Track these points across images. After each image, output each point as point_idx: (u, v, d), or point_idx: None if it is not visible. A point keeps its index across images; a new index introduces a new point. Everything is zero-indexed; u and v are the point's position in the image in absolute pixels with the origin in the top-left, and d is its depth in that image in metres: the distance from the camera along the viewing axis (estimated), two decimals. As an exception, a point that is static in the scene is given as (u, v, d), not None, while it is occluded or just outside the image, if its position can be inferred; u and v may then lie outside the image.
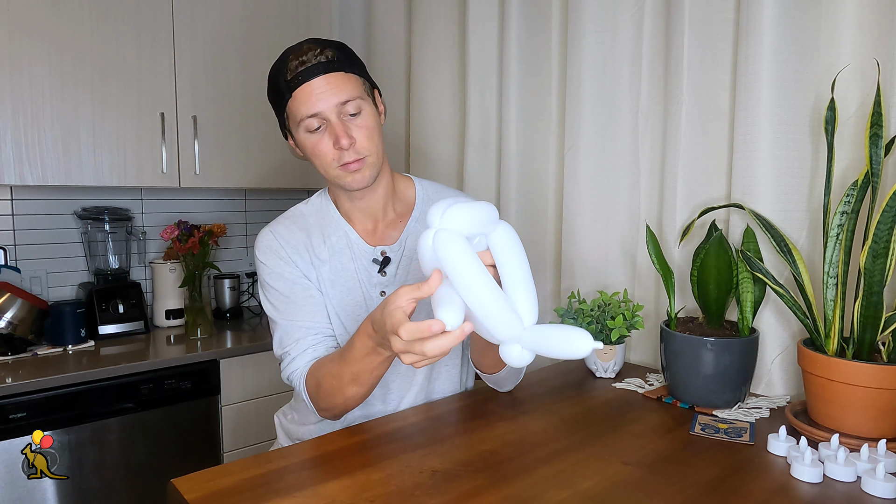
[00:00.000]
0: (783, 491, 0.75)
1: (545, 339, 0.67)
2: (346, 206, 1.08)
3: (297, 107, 0.95)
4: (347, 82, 0.95)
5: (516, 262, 0.73)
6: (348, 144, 0.94)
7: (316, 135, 0.96)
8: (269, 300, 1.05)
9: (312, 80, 0.93)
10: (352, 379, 0.90)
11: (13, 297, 1.70)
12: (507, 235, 0.75)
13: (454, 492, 0.74)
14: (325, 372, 0.94)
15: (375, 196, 1.06)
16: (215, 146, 2.00)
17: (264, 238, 1.06)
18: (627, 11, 1.38)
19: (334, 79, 0.94)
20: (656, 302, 1.37)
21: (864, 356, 0.90)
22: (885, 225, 0.86)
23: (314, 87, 0.93)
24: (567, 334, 0.66)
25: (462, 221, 0.69)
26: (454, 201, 0.71)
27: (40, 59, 1.69)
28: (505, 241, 0.74)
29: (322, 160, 0.98)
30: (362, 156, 0.97)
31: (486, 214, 0.72)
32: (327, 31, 2.22)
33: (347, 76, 0.96)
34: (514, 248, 0.74)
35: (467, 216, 0.70)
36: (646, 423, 0.99)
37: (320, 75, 0.93)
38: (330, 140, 0.95)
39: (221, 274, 2.22)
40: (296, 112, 0.95)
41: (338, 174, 0.98)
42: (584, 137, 1.45)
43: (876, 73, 0.98)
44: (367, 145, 0.97)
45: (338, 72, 0.95)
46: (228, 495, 0.74)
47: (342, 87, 0.94)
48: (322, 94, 0.93)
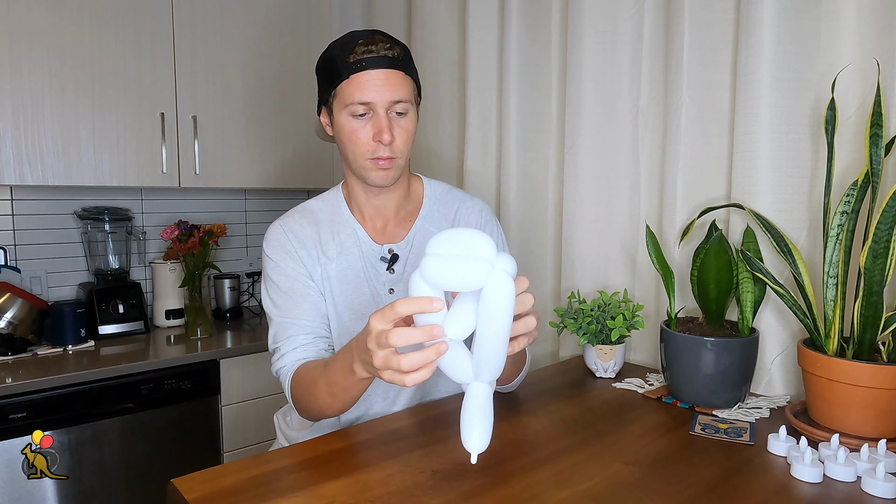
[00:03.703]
0: (783, 491, 0.75)
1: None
2: (361, 201, 1.08)
3: (352, 90, 0.96)
4: (405, 83, 0.98)
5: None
6: (389, 140, 0.96)
7: (359, 121, 0.97)
8: (268, 294, 1.06)
9: (375, 70, 0.95)
10: (327, 390, 0.89)
11: (13, 297, 1.70)
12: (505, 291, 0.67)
13: (454, 492, 0.74)
14: (307, 376, 0.95)
15: (392, 196, 1.07)
16: (215, 146, 2.00)
17: (273, 232, 1.07)
18: (627, 12, 1.38)
19: (395, 76, 0.96)
20: (656, 302, 1.37)
21: (864, 356, 0.90)
22: (885, 225, 0.86)
23: (375, 77, 0.95)
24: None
25: (513, 272, 0.65)
26: (492, 243, 0.64)
27: (40, 59, 1.69)
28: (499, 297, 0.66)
29: (356, 147, 0.98)
30: (395, 156, 0.98)
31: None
32: (327, 32, 2.22)
33: (406, 78, 0.98)
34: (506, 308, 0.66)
35: (514, 270, 0.65)
36: (646, 423, 0.99)
37: (384, 68, 0.95)
38: (371, 130, 0.97)
39: (221, 274, 2.22)
40: (348, 95, 0.96)
41: (366, 165, 0.99)
42: (584, 137, 1.45)
43: (876, 73, 0.98)
44: (402, 148, 0.99)
45: (400, 70, 0.97)
46: (228, 495, 0.74)
47: (399, 87, 0.96)
48: (380, 87, 0.95)
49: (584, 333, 1.23)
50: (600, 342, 1.22)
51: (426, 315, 0.66)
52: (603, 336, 1.22)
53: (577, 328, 1.24)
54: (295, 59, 2.15)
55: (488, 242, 0.63)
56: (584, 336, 1.23)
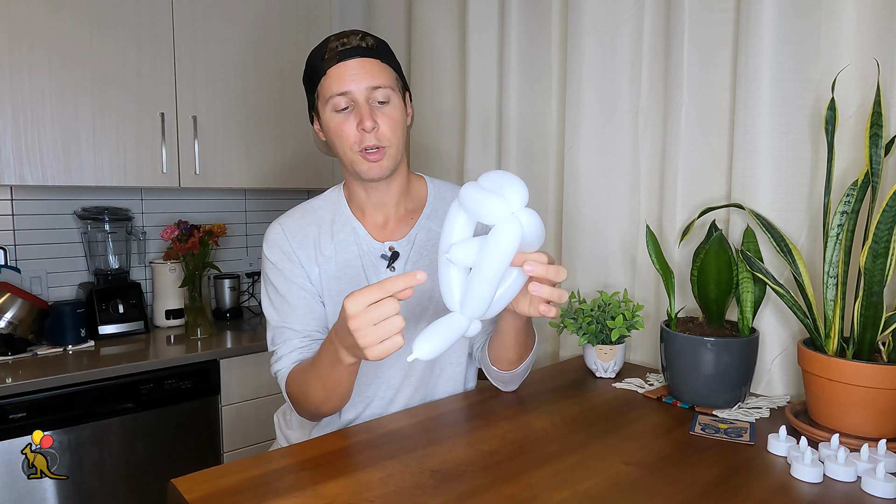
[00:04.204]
0: (783, 491, 0.75)
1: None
2: (361, 198, 1.08)
3: (329, 84, 0.96)
4: (382, 70, 0.98)
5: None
6: (371, 127, 0.96)
7: (342, 115, 0.97)
8: (267, 295, 1.07)
9: (349, 60, 0.96)
10: (319, 385, 0.91)
11: (13, 297, 1.70)
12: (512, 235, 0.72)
13: (454, 492, 0.74)
14: (299, 376, 0.97)
15: (390, 191, 1.06)
16: (215, 146, 2.00)
17: (271, 232, 1.07)
18: (627, 11, 1.38)
19: (370, 64, 0.97)
20: (656, 302, 1.37)
21: (865, 356, 0.90)
22: (885, 225, 0.86)
23: (349, 67, 0.96)
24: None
25: (529, 226, 0.70)
26: (524, 194, 0.71)
27: (40, 59, 1.69)
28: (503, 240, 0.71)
29: (343, 141, 0.99)
30: (383, 144, 0.98)
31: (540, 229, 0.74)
32: (327, 32, 2.21)
33: (383, 65, 0.99)
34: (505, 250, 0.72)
35: (535, 228, 0.71)
36: (646, 423, 0.99)
37: (357, 57, 0.96)
38: (354, 121, 0.97)
39: (221, 274, 2.22)
40: (326, 89, 0.97)
41: (356, 158, 0.99)
42: (584, 137, 1.45)
43: (876, 73, 0.98)
44: (389, 135, 0.98)
45: (375, 59, 0.98)
46: (228, 495, 0.74)
47: (376, 74, 0.97)
48: (355, 76, 0.96)
49: (584, 333, 1.23)
50: (600, 342, 1.22)
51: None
52: (603, 336, 1.22)
53: (577, 328, 1.24)
54: (295, 60, 2.15)
55: (520, 191, 0.70)
56: (584, 336, 1.23)
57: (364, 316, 0.73)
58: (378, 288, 0.73)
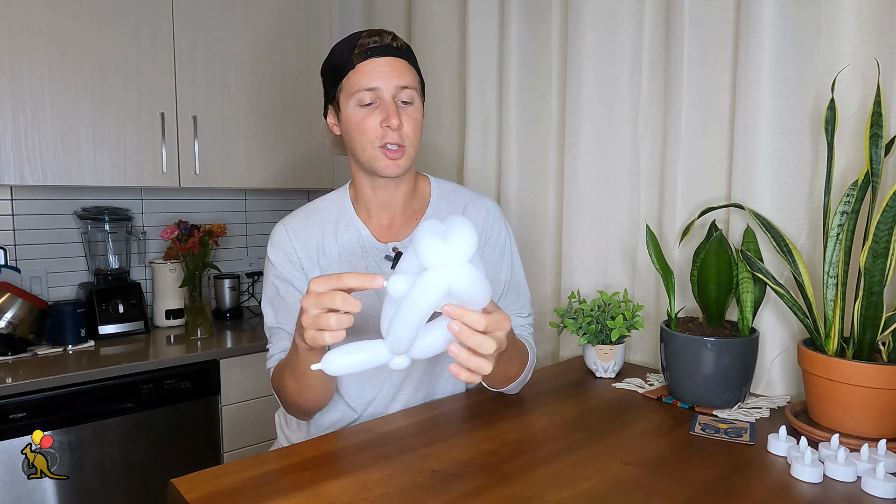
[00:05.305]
0: (783, 491, 0.75)
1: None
2: (368, 198, 1.08)
3: (358, 78, 0.97)
4: (410, 72, 1.00)
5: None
6: (397, 125, 0.97)
7: (366, 110, 0.98)
8: (266, 294, 1.08)
9: (380, 57, 0.97)
10: (290, 376, 0.93)
11: (13, 297, 1.70)
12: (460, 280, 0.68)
13: (454, 492, 0.74)
14: (278, 370, 1.00)
15: (399, 191, 1.07)
16: (215, 146, 2.00)
17: (276, 233, 1.08)
18: (627, 11, 1.38)
19: (400, 64, 0.99)
20: (656, 302, 1.37)
21: (865, 356, 0.90)
22: (885, 225, 0.86)
23: (381, 64, 0.97)
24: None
25: (460, 281, 0.65)
26: (470, 247, 0.66)
27: (40, 58, 1.69)
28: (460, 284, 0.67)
29: (365, 136, 0.99)
30: (404, 144, 0.99)
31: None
32: (327, 32, 2.22)
33: (410, 67, 1.01)
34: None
35: (469, 285, 0.66)
36: (646, 423, 0.99)
37: (389, 56, 0.98)
38: (379, 117, 0.97)
39: (221, 274, 2.22)
40: (354, 83, 0.98)
41: (375, 154, 0.99)
42: (584, 137, 1.45)
43: (876, 73, 0.98)
44: (411, 135, 1.00)
45: (404, 60, 1.00)
46: (228, 495, 0.74)
47: (405, 74, 0.99)
48: (386, 73, 0.97)
49: (584, 333, 1.23)
50: (600, 342, 1.22)
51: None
52: (603, 336, 1.22)
53: (577, 328, 1.24)
54: (295, 59, 2.15)
55: (466, 243, 0.65)
56: (584, 336, 1.23)
57: (314, 298, 0.74)
58: (336, 277, 0.74)
